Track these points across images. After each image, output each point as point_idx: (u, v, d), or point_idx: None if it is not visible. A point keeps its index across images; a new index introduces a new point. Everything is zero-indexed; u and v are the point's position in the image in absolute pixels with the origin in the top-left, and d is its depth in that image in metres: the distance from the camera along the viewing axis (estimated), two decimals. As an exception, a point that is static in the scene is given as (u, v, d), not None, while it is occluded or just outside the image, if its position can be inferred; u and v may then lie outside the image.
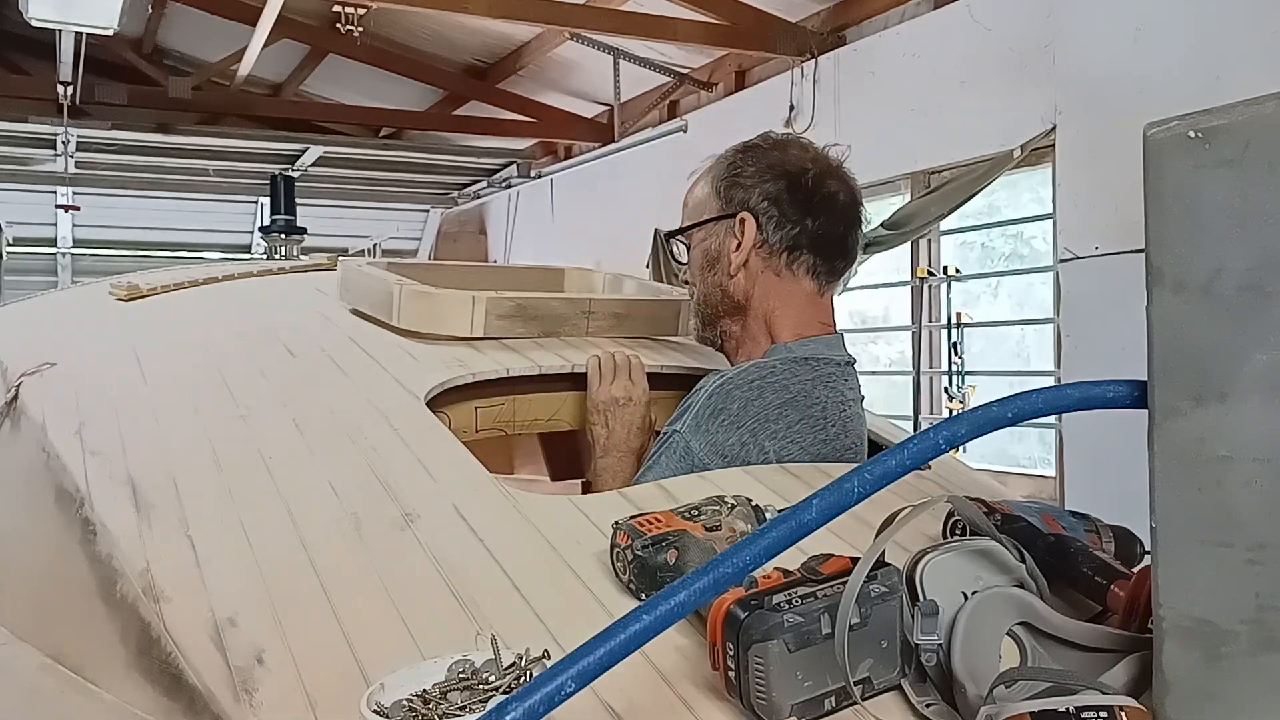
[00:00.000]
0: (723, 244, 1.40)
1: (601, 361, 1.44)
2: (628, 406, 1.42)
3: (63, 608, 1.13)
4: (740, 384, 1.28)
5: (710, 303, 1.43)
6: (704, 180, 1.44)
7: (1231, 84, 3.54)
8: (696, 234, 1.43)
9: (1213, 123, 0.59)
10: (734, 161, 1.41)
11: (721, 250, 1.40)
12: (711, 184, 1.42)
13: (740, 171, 1.39)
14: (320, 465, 1.17)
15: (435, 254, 9.80)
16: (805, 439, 1.29)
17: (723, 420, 1.25)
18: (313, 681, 0.81)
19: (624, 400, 1.42)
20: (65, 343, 1.76)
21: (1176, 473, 0.60)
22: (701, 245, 1.42)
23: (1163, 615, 0.62)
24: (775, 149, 1.42)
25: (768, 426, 1.26)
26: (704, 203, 1.43)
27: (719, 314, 1.42)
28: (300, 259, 2.82)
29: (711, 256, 1.41)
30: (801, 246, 1.37)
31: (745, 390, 1.28)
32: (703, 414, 1.25)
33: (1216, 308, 0.59)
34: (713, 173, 1.43)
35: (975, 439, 0.66)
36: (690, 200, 1.46)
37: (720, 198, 1.40)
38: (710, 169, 1.44)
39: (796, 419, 1.29)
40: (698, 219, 1.43)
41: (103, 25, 5.02)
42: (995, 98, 4.61)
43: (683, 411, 1.29)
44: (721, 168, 1.42)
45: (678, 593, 0.61)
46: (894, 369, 5.38)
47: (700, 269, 1.43)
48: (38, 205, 8.48)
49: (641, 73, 6.80)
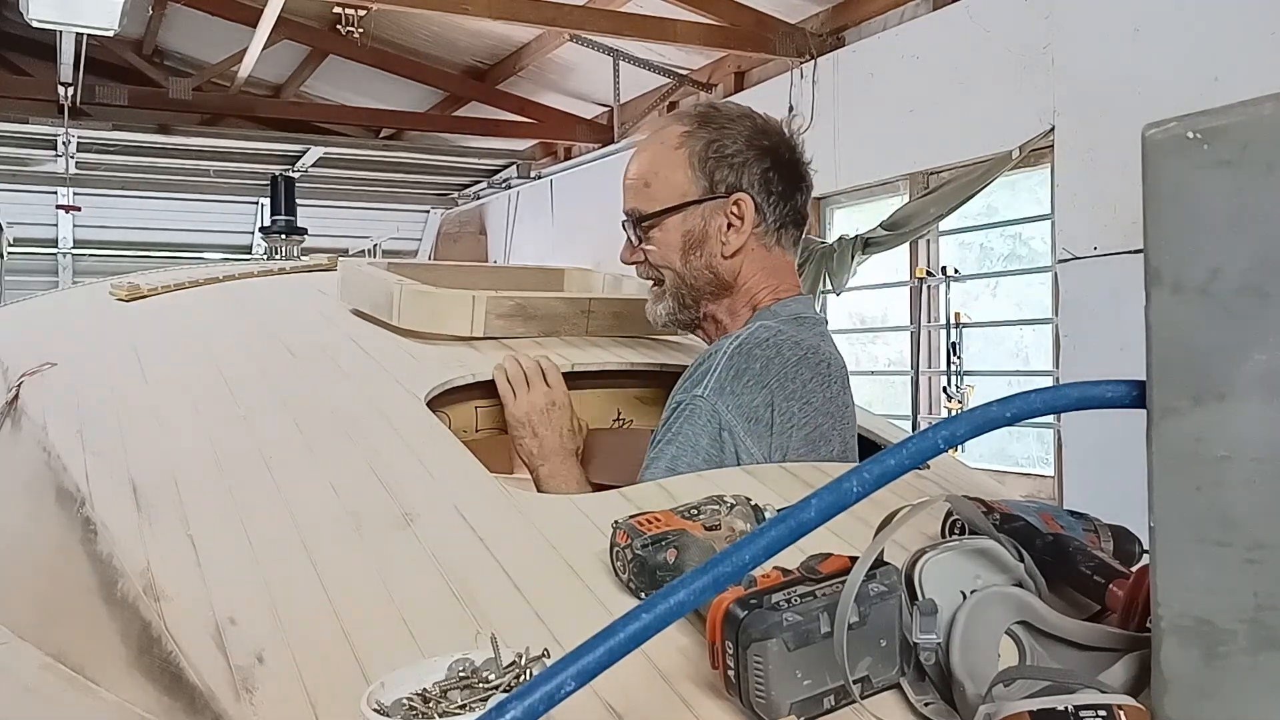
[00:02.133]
0: (708, 225, 1.35)
1: (509, 373, 1.39)
2: (552, 411, 1.38)
3: (63, 607, 1.13)
4: (758, 343, 1.27)
5: (695, 285, 1.38)
6: (670, 157, 1.36)
7: (1230, 85, 3.55)
8: (672, 216, 1.36)
9: (1211, 123, 0.59)
10: (711, 139, 1.35)
11: (708, 231, 1.35)
12: (689, 163, 1.35)
13: (723, 149, 1.35)
14: (320, 465, 1.17)
15: (435, 254, 9.81)
16: (817, 398, 1.29)
17: (747, 380, 1.24)
18: (313, 680, 0.81)
19: (546, 406, 1.38)
20: (66, 343, 1.76)
21: (1175, 472, 0.61)
22: (681, 228, 1.36)
23: (1161, 614, 0.62)
24: (744, 121, 1.38)
25: (787, 386, 1.26)
26: (680, 183, 1.35)
27: (701, 295, 1.38)
28: (301, 259, 2.82)
29: (695, 239, 1.36)
30: (789, 222, 1.39)
31: (764, 349, 1.26)
32: (725, 376, 1.23)
33: (1215, 308, 0.59)
34: (686, 150, 1.35)
35: (974, 439, 0.66)
36: (651, 179, 1.37)
37: (706, 178, 1.35)
38: (674, 144, 1.36)
39: (809, 376, 1.29)
40: (678, 201, 1.35)
41: (103, 26, 5.03)
42: (994, 99, 4.61)
43: (699, 377, 1.25)
44: (699, 145, 1.35)
45: (677, 592, 0.61)
46: (892, 369, 5.39)
47: (681, 251, 1.37)
48: (38, 206, 8.48)
49: (641, 74, 6.81)
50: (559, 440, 1.38)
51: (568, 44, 6.54)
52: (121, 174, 8.11)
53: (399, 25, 7.03)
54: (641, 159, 1.40)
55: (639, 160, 1.40)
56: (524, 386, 1.39)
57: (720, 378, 1.23)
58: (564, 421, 1.39)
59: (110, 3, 4.73)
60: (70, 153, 7.27)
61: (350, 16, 5.56)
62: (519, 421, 1.38)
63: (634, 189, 1.39)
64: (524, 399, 1.38)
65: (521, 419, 1.38)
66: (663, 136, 1.39)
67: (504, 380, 1.39)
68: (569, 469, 1.37)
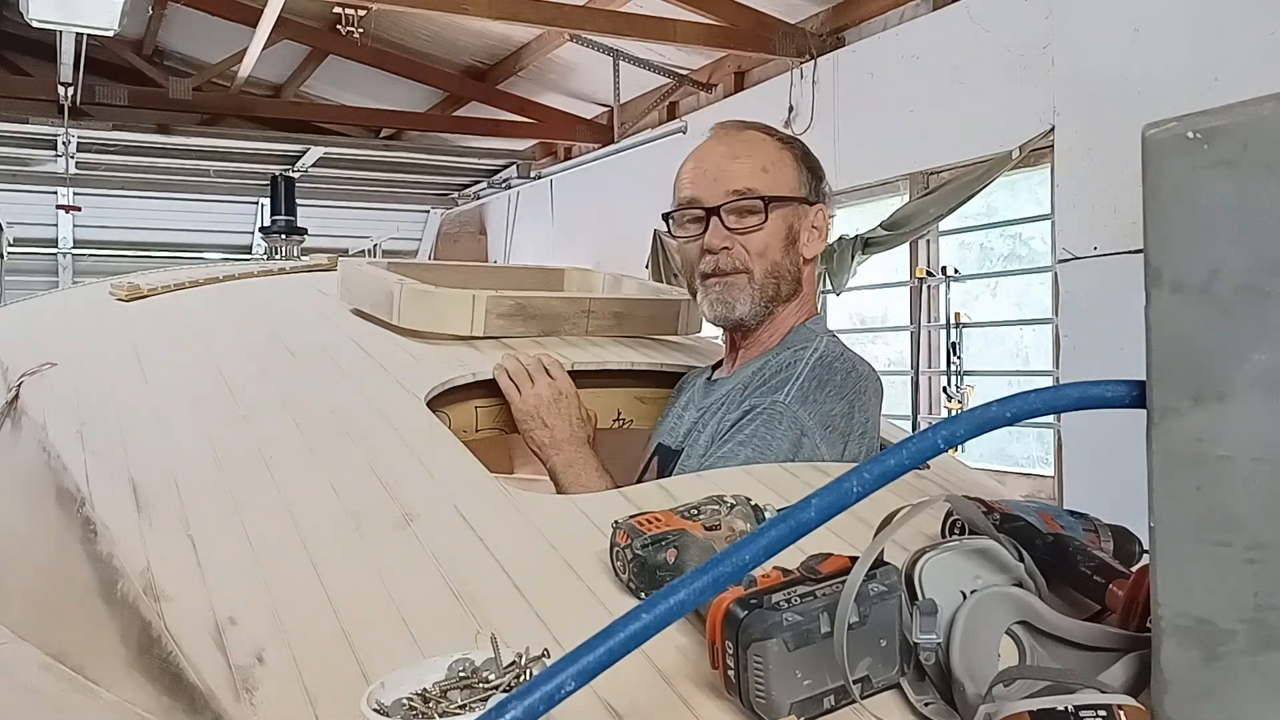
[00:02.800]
0: (801, 226, 1.39)
1: (511, 371, 1.39)
2: (560, 400, 1.38)
3: (63, 607, 1.13)
4: (837, 356, 1.33)
5: (785, 280, 1.38)
6: (780, 154, 1.39)
7: (1230, 85, 3.55)
8: (788, 206, 1.37)
9: (1211, 123, 0.59)
10: (806, 151, 1.42)
11: (799, 233, 1.39)
12: (797, 165, 1.39)
13: (813, 163, 1.42)
14: (320, 465, 1.17)
15: (435, 254, 9.81)
16: (874, 411, 1.34)
17: (829, 391, 1.28)
18: (313, 680, 0.81)
19: (553, 396, 1.37)
20: (66, 343, 1.76)
21: (1175, 472, 0.61)
22: (787, 221, 1.37)
23: (1161, 614, 0.62)
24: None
25: (860, 398, 1.31)
26: (793, 179, 1.38)
27: (780, 294, 1.38)
28: (301, 259, 2.82)
29: (794, 234, 1.38)
30: None
31: (843, 362, 1.32)
32: (809, 385, 1.27)
33: (1215, 308, 0.59)
34: (791, 153, 1.40)
35: (974, 438, 0.66)
36: (770, 167, 1.37)
37: (807, 182, 1.39)
38: (777, 144, 1.40)
39: (873, 390, 1.34)
40: (794, 193, 1.38)
41: (103, 26, 5.02)
42: (994, 99, 4.61)
43: (777, 384, 1.28)
44: (800, 151, 1.41)
45: (677, 591, 0.61)
46: (893, 369, 5.38)
47: (783, 243, 1.37)
48: (38, 206, 8.48)
49: (641, 74, 6.81)
50: (570, 429, 1.37)
51: (568, 44, 6.54)
52: (121, 174, 8.11)
53: (399, 25, 7.04)
54: (749, 148, 1.38)
55: (748, 148, 1.38)
56: (527, 381, 1.38)
57: (804, 386, 1.27)
58: (573, 410, 1.39)
59: (110, 3, 4.73)
60: (70, 153, 7.27)
61: (350, 16, 5.56)
62: (527, 415, 1.37)
63: (749, 172, 1.36)
64: (529, 393, 1.37)
65: (530, 412, 1.37)
66: (758, 137, 1.40)
67: (505, 377, 1.38)
68: (585, 456, 1.36)
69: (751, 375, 1.33)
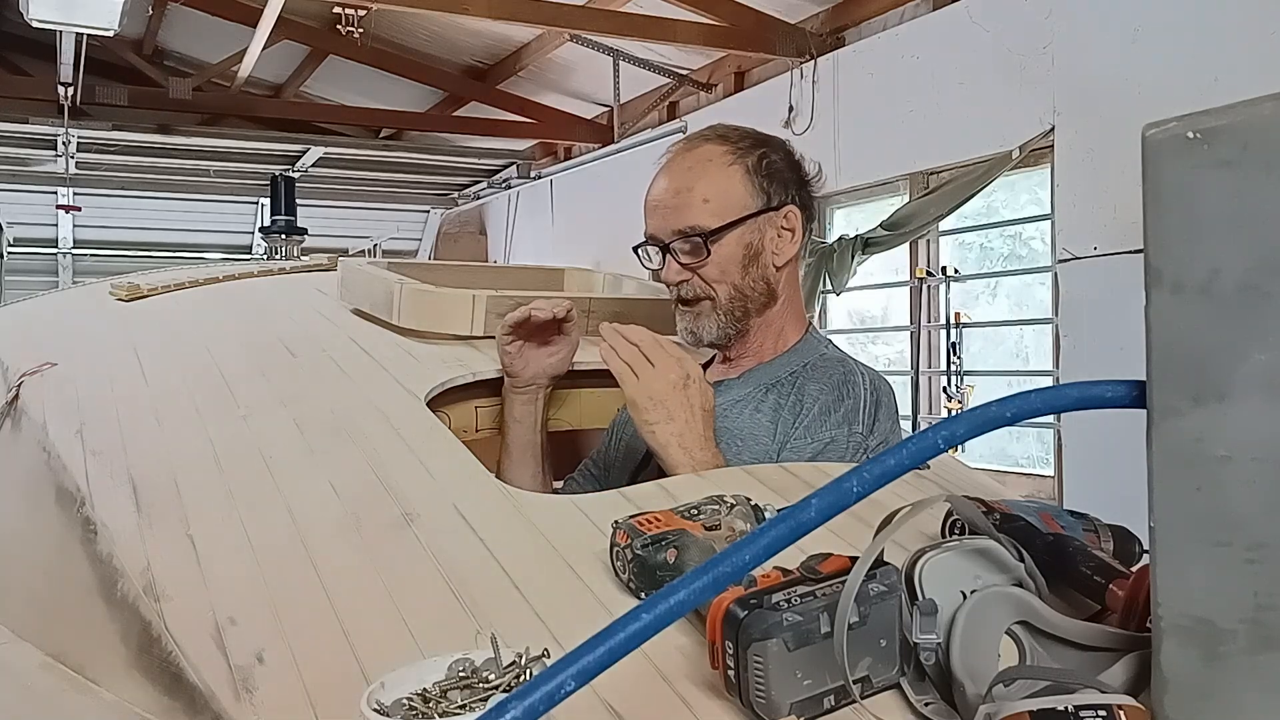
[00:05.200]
0: (764, 237, 1.38)
1: (621, 351, 1.25)
2: (689, 386, 1.24)
3: (63, 607, 1.13)
4: (876, 376, 1.38)
5: (752, 297, 1.38)
6: (725, 174, 1.36)
7: (1229, 85, 3.54)
8: (735, 230, 1.35)
9: (1211, 123, 0.59)
10: (762, 154, 1.39)
11: (763, 244, 1.38)
12: (746, 178, 1.37)
13: (773, 165, 1.39)
14: (320, 465, 1.17)
15: (435, 254, 9.81)
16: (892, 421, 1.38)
17: (883, 412, 1.35)
18: (313, 680, 0.81)
19: (681, 380, 1.24)
20: (66, 343, 1.76)
21: (1175, 472, 0.60)
22: (743, 240, 1.36)
23: (1161, 614, 0.62)
24: (775, 141, 1.43)
25: (896, 413, 1.38)
26: (740, 197, 1.36)
27: (750, 310, 1.38)
28: (301, 259, 2.82)
29: (754, 251, 1.37)
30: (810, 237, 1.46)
31: (882, 382, 1.38)
32: (873, 411, 1.33)
33: (1215, 308, 0.59)
34: (740, 166, 1.37)
35: (974, 438, 0.66)
36: (711, 195, 1.35)
37: (762, 191, 1.37)
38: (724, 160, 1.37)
39: (891, 403, 1.39)
40: (740, 214, 1.35)
41: (103, 26, 5.03)
42: (994, 99, 4.61)
43: (847, 415, 1.31)
44: (753, 160, 1.37)
45: (677, 591, 0.61)
46: (892, 369, 5.38)
47: (741, 264, 1.36)
48: (38, 206, 8.49)
49: (641, 74, 6.80)
50: (701, 426, 1.23)
51: (568, 44, 6.53)
52: (121, 174, 8.12)
53: (399, 25, 7.03)
54: (691, 177, 1.37)
55: (690, 178, 1.37)
56: (645, 364, 1.24)
57: (868, 413, 1.33)
58: (705, 399, 1.25)
59: (110, 3, 4.73)
60: (70, 153, 7.27)
61: (350, 16, 5.56)
62: (654, 402, 1.22)
63: (689, 207, 1.35)
64: (650, 375, 1.23)
65: (658, 398, 1.22)
66: (706, 154, 1.38)
67: (618, 360, 1.25)
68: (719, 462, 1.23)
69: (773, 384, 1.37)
